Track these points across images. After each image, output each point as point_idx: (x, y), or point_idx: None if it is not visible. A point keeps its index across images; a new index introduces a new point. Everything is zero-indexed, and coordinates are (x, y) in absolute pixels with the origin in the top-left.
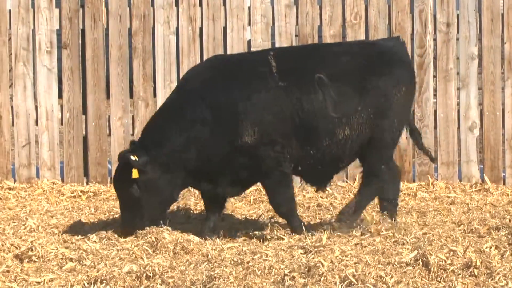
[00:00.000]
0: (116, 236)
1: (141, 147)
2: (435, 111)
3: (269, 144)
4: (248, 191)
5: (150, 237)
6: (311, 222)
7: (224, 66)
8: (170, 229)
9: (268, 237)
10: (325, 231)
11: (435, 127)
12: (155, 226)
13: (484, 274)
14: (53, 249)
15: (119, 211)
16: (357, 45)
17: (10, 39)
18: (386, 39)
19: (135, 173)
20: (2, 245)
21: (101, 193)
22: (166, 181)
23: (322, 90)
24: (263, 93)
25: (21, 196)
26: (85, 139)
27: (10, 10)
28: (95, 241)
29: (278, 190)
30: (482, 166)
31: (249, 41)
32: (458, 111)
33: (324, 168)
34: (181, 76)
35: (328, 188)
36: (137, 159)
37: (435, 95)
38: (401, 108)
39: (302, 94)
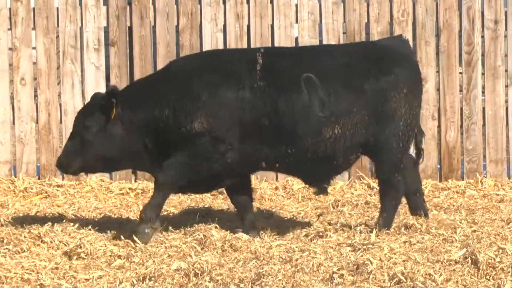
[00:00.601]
0: (164, 233)
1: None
2: (483, 109)
3: (214, 140)
4: (296, 188)
5: (198, 235)
6: (359, 220)
7: (210, 58)
8: (218, 226)
9: (317, 234)
10: (374, 229)
11: (484, 125)
12: (203, 224)
13: None
14: (101, 246)
15: (168, 208)
16: (356, 46)
17: (57, 36)
18: (389, 39)
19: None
20: (51, 242)
21: (149, 190)
22: (121, 143)
23: (308, 90)
24: (230, 91)
25: (69, 194)
26: None
27: (57, 8)
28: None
29: (178, 171)
30: None
31: (296, 39)
32: (507, 108)
33: (315, 167)
34: None
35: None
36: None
37: (483, 92)
38: (405, 110)
39: (280, 95)
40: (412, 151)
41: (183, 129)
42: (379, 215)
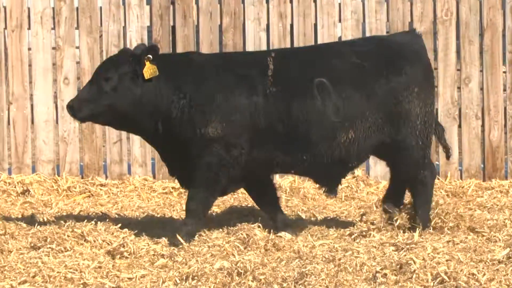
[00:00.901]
0: (207, 232)
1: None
2: None
3: (228, 145)
4: (339, 187)
5: (241, 234)
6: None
7: (227, 59)
8: (261, 226)
9: (360, 234)
10: (417, 228)
11: None
12: (246, 223)
13: None
14: (144, 246)
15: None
16: (365, 43)
17: (101, 36)
18: (401, 34)
19: (152, 71)
20: (94, 241)
21: None
22: (137, 105)
23: (321, 95)
24: (245, 96)
25: (112, 193)
26: None
27: (101, 7)
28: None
29: (201, 185)
30: None
31: (339, 38)
32: None
33: (328, 169)
34: None
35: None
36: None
37: None
38: (419, 108)
39: (293, 101)
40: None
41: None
42: (416, 215)
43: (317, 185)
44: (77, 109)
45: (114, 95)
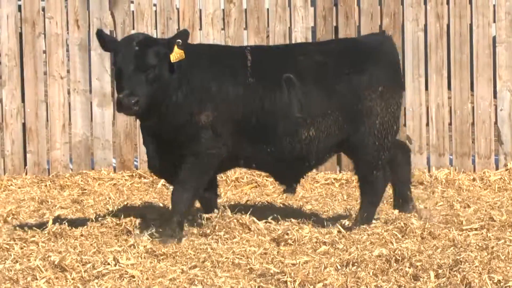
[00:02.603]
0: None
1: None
2: None
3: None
4: (492, 179)
5: (399, 223)
6: None
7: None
8: (417, 215)
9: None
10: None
11: None
12: (403, 213)
13: None
14: (307, 233)
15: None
16: (333, 43)
17: (268, 36)
18: (371, 35)
19: (178, 56)
20: (258, 229)
21: (353, 180)
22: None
23: (289, 90)
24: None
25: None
26: None
27: (268, 9)
28: (345, 225)
29: (191, 178)
30: None
31: (493, 38)
32: None
33: (289, 167)
34: (429, 70)
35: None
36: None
37: None
38: (383, 109)
39: (266, 93)
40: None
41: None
42: (358, 212)
43: (277, 182)
44: (140, 103)
45: (160, 82)
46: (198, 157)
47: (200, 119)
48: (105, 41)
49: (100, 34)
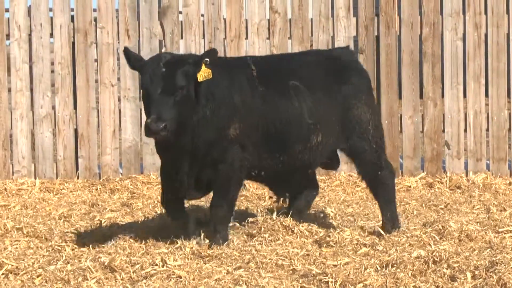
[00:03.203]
0: (405, 223)
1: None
2: None
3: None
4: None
5: (437, 225)
6: None
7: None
8: (456, 218)
9: None
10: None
11: None
12: (441, 216)
13: None
14: (348, 235)
15: (410, 202)
16: (320, 54)
17: (311, 45)
18: (338, 49)
19: (206, 75)
20: (301, 232)
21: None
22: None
23: (298, 97)
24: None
25: (320, 187)
26: None
27: (311, 19)
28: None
29: (227, 192)
30: None
31: None
32: None
33: (294, 175)
34: (467, 78)
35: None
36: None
37: None
38: (369, 114)
39: (278, 100)
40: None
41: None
42: (382, 216)
43: (271, 192)
44: (169, 127)
45: (188, 102)
46: (230, 170)
47: (229, 133)
48: (131, 59)
49: (126, 52)
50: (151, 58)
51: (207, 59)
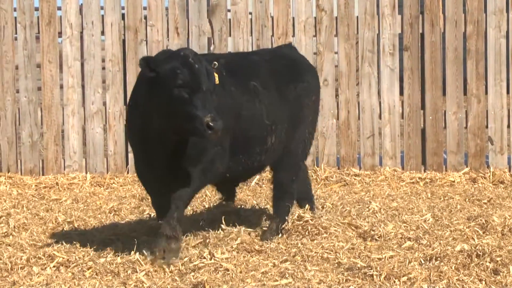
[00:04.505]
0: (449, 217)
1: None
2: None
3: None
4: None
5: (480, 220)
6: None
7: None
8: (499, 212)
9: None
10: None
11: None
12: (485, 210)
13: None
14: (392, 229)
15: (454, 196)
16: (271, 53)
17: (357, 42)
18: (283, 46)
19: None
20: (348, 225)
21: (437, 180)
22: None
23: (258, 97)
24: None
25: (365, 182)
26: (423, 131)
27: (357, 17)
28: (428, 221)
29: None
30: None
31: None
32: None
33: (248, 176)
34: (510, 75)
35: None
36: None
37: None
38: (312, 117)
39: (244, 100)
40: None
41: None
42: (272, 220)
43: (218, 191)
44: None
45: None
46: (205, 171)
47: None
48: (155, 62)
49: (147, 60)
50: (179, 54)
51: (215, 62)
